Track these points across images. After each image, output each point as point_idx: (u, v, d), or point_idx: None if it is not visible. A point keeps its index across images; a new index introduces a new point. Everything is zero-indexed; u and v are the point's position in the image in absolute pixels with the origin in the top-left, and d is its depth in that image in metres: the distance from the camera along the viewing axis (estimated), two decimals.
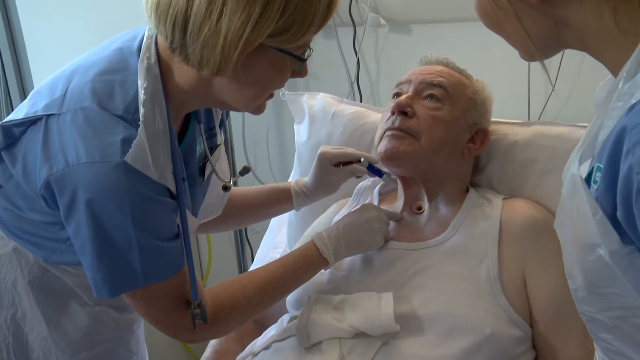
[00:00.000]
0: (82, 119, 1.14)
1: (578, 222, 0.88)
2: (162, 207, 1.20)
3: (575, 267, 0.94)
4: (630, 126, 0.77)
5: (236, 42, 1.08)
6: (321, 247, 1.47)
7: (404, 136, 1.56)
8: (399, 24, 2.22)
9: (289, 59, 1.18)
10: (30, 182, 1.20)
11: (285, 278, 1.43)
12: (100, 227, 1.14)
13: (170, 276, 1.23)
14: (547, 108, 2.01)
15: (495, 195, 1.64)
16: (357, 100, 2.32)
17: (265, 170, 2.62)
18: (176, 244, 1.23)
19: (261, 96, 1.24)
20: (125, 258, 1.16)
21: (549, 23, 0.92)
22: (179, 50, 1.14)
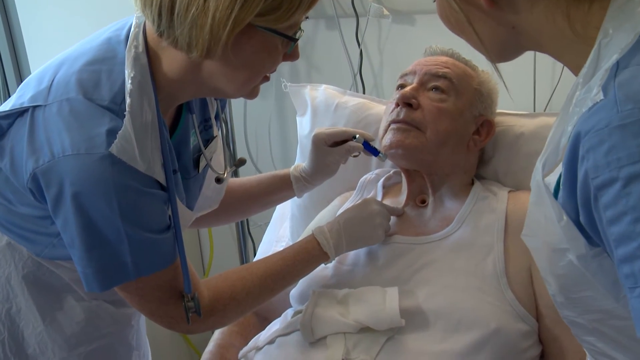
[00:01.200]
0: (68, 110, 1.13)
1: (546, 229, 0.89)
2: (151, 198, 1.18)
3: (549, 274, 0.95)
4: (584, 131, 0.77)
5: (225, 20, 1.06)
6: (322, 241, 1.45)
7: (409, 129, 1.55)
8: (402, 14, 2.20)
9: (279, 40, 1.16)
10: (17, 175, 1.18)
11: (284, 271, 1.42)
12: (88, 220, 1.12)
13: (162, 268, 1.21)
14: (553, 99, 2.00)
15: (501, 187, 1.63)
16: (360, 92, 2.31)
17: (267, 163, 2.61)
18: (167, 235, 1.22)
19: (253, 79, 1.22)
20: (115, 251, 1.15)
21: (505, 28, 0.92)
22: (167, 34, 1.12)
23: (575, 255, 0.85)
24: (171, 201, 1.23)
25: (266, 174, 1.73)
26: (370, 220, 1.49)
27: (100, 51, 1.20)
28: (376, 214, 1.50)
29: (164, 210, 1.22)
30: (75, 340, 1.38)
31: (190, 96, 1.31)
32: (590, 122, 0.77)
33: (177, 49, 1.14)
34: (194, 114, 1.37)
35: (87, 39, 1.26)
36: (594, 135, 0.75)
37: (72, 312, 1.37)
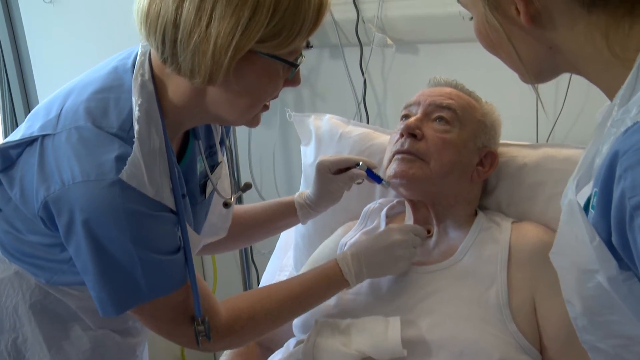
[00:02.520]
0: (77, 138, 1.14)
1: (576, 249, 0.88)
2: (161, 221, 1.20)
3: (574, 295, 0.94)
4: (622, 151, 0.77)
5: (226, 47, 1.08)
6: (344, 267, 1.45)
7: (413, 159, 1.55)
8: (406, 44, 2.22)
9: (280, 66, 1.18)
10: (28, 204, 1.19)
11: (305, 294, 1.42)
12: (100, 246, 1.14)
13: (176, 289, 1.22)
14: (555, 129, 2.00)
15: (504, 218, 1.63)
16: (364, 120, 2.32)
17: (271, 190, 2.61)
18: (179, 256, 1.23)
19: (255, 106, 1.23)
20: (128, 274, 1.16)
21: (543, 47, 0.93)
22: (170, 60, 1.14)
23: (606, 277, 0.84)
24: (181, 223, 1.24)
25: (270, 201, 1.74)
26: (390, 251, 1.48)
27: (107, 80, 1.22)
28: (397, 245, 1.48)
29: (174, 232, 1.23)
30: None
31: (196, 123, 1.32)
32: (629, 141, 0.77)
33: (180, 76, 1.15)
34: (200, 140, 1.38)
35: (94, 68, 1.28)
36: (633, 154, 0.75)
37: (78, 342, 1.37)
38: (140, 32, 1.17)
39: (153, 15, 1.12)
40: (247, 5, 1.07)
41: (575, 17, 0.87)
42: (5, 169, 1.24)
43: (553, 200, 1.61)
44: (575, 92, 1.94)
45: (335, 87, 2.38)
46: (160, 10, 1.11)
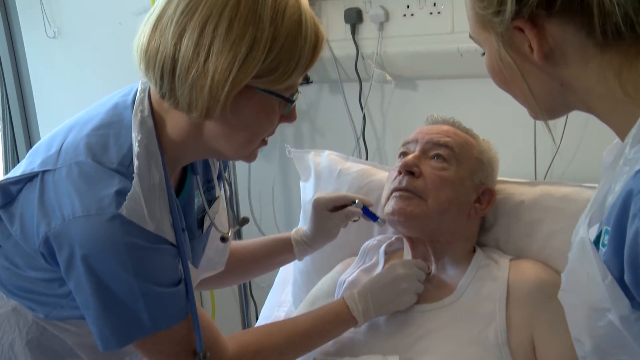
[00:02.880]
0: (77, 173, 1.15)
1: (587, 286, 0.88)
2: (161, 254, 1.20)
3: (584, 333, 0.93)
4: (636, 190, 0.77)
5: (224, 82, 1.09)
6: (351, 305, 1.46)
7: (411, 197, 1.56)
8: (404, 80, 2.24)
9: (277, 101, 1.19)
10: (28, 239, 1.20)
11: (313, 330, 1.43)
12: (100, 281, 1.14)
13: (179, 321, 1.22)
14: (553, 166, 2.01)
15: (502, 255, 1.63)
16: (363, 155, 2.33)
17: (271, 225, 2.62)
18: (180, 288, 1.23)
19: (252, 141, 1.24)
20: (130, 308, 1.16)
21: (555, 84, 0.93)
22: (169, 95, 1.15)
23: (618, 316, 0.83)
24: (181, 256, 1.24)
25: (267, 237, 1.75)
26: (395, 286, 1.49)
27: (107, 116, 1.23)
28: (402, 279, 1.50)
29: (175, 264, 1.23)
30: None
31: (194, 158, 1.33)
32: None
33: (178, 110, 1.16)
34: (198, 174, 1.39)
35: (95, 105, 1.29)
36: None
37: None
38: (139, 67, 1.18)
39: (152, 50, 1.13)
40: (245, 41, 1.09)
41: (589, 55, 0.88)
42: (5, 205, 1.24)
43: (551, 238, 1.61)
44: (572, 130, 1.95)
45: (335, 122, 2.40)
46: (160, 46, 1.12)
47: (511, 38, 0.92)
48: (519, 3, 0.88)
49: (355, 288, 1.51)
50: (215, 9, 1.09)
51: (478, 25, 0.98)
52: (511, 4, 0.88)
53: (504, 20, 0.90)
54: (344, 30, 2.24)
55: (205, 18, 1.09)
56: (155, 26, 1.14)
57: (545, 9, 0.87)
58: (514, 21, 0.90)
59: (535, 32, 0.89)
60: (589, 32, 0.86)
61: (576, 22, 0.87)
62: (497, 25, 0.92)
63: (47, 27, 2.67)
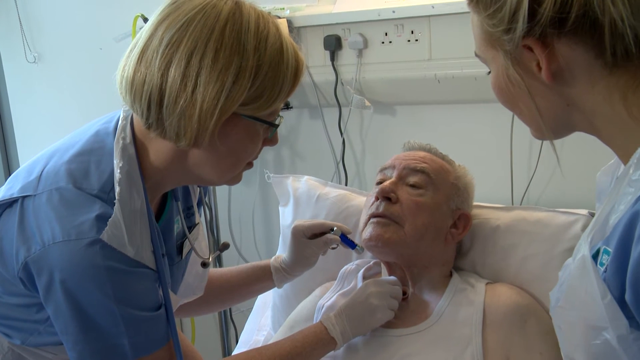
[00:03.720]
0: (58, 199, 1.15)
1: (586, 304, 0.88)
2: (141, 278, 1.20)
3: (578, 350, 0.93)
4: None
5: (212, 110, 1.11)
6: (329, 326, 1.47)
7: (388, 223, 1.58)
8: (383, 105, 2.26)
9: (261, 127, 1.21)
10: (7, 265, 1.19)
11: (293, 352, 1.43)
12: (80, 306, 1.14)
13: (160, 347, 1.22)
14: (529, 191, 2.04)
15: (479, 279, 1.65)
16: (343, 180, 2.35)
17: (251, 249, 2.62)
18: (160, 313, 1.23)
19: (237, 166, 1.26)
20: (111, 333, 1.15)
21: (561, 104, 0.93)
22: (155, 125, 1.16)
23: (615, 335, 0.84)
24: (161, 281, 1.24)
25: (246, 265, 1.75)
26: (367, 304, 1.51)
27: (89, 143, 1.24)
28: (373, 296, 1.51)
29: (155, 289, 1.23)
30: None
31: (176, 184, 1.34)
32: None
33: (165, 139, 1.18)
34: (179, 200, 1.40)
35: (76, 132, 1.30)
36: None
37: None
38: (124, 99, 1.20)
39: (138, 82, 1.15)
40: (231, 70, 1.11)
41: (596, 76, 0.88)
42: None
43: (526, 262, 1.64)
44: (548, 155, 1.98)
45: (315, 147, 2.42)
46: (146, 77, 1.14)
47: (520, 56, 0.92)
48: (530, 21, 0.87)
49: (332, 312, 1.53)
50: (201, 40, 1.12)
51: (485, 42, 0.97)
52: (522, 22, 0.88)
53: (513, 39, 0.90)
54: (323, 57, 2.27)
55: (191, 49, 1.12)
56: (140, 58, 1.15)
57: (556, 28, 0.86)
58: (524, 39, 0.89)
59: (544, 52, 0.89)
60: (599, 53, 0.86)
61: (586, 43, 0.87)
62: (506, 43, 0.91)
63: (27, 52, 2.67)
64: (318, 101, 2.33)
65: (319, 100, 2.33)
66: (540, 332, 1.50)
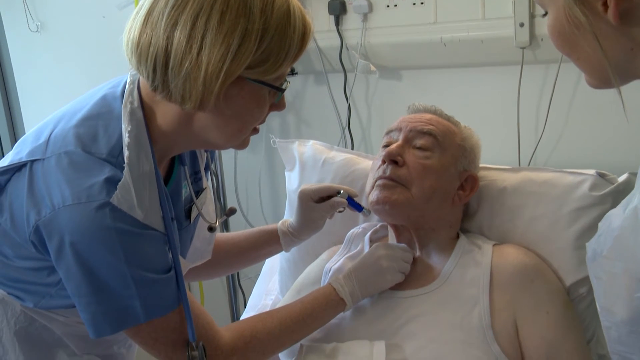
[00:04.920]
0: (67, 162, 1.16)
1: (634, 256, 0.87)
2: (151, 241, 1.20)
3: (618, 302, 0.91)
4: None
5: (217, 73, 1.11)
6: (338, 288, 1.48)
7: (394, 185, 1.57)
8: (389, 70, 2.25)
9: (267, 91, 1.21)
10: (18, 229, 1.20)
11: (305, 314, 1.44)
12: (91, 268, 1.14)
13: (172, 309, 1.23)
14: (536, 153, 2.03)
15: (486, 241, 1.65)
16: (349, 145, 2.35)
17: (258, 215, 2.63)
18: (171, 276, 1.23)
19: (243, 130, 1.25)
20: (122, 295, 1.16)
21: (626, 47, 0.89)
22: (161, 88, 1.16)
23: None
24: (171, 244, 1.25)
25: (254, 229, 1.76)
26: (376, 265, 1.52)
27: (96, 107, 1.24)
28: (382, 258, 1.53)
29: (165, 251, 1.24)
30: None
31: (183, 149, 1.34)
32: None
33: (170, 102, 1.17)
34: (186, 165, 1.40)
35: (82, 97, 1.30)
36: None
37: None
38: (130, 61, 1.19)
39: (144, 44, 1.14)
40: (236, 33, 1.11)
41: None
42: None
43: (533, 223, 1.64)
44: (555, 117, 1.98)
45: (320, 113, 2.41)
46: (152, 40, 1.14)
47: None
48: None
49: (340, 274, 1.53)
50: (207, 2, 1.11)
51: None
52: None
53: None
54: (328, 22, 2.25)
55: (197, 11, 1.11)
56: (146, 20, 1.15)
57: None
58: None
59: None
60: None
61: None
62: None
63: (29, 21, 2.66)
64: (323, 67, 2.32)
65: (324, 66, 2.32)
66: (547, 291, 1.51)
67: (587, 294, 1.55)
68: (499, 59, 2.04)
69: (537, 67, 1.98)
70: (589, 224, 1.55)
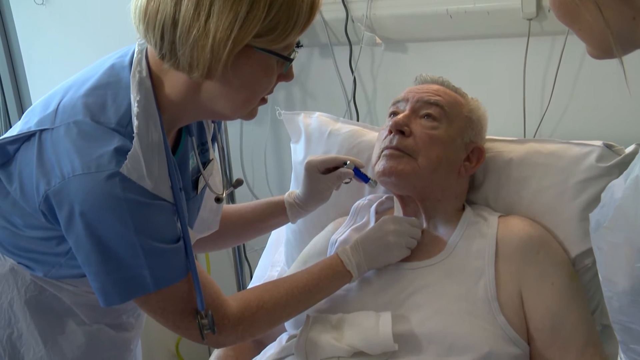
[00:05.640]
0: (76, 132, 1.16)
1: (634, 225, 0.86)
2: (161, 210, 1.21)
3: (619, 272, 0.91)
4: None
5: (225, 41, 1.10)
6: (345, 259, 1.48)
7: (401, 155, 1.57)
8: (394, 43, 2.24)
9: (275, 60, 1.20)
10: (28, 198, 1.21)
11: (310, 284, 1.45)
12: (101, 238, 1.15)
13: (181, 279, 1.24)
14: (542, 125, 2.03)
15: (491, 213, 1.65)
16: (354, 118, 2.34)
17: (263, 188, 2.63)
18: (179, 245, 1.24)
19: (251, 100, 1.25)
20: (132, 264, 1.17)
21: (628, 16, 0.87)
22: (169, 56, 1.15)
23: None
24: (179, 215, 1.25)
25: (260, 201, 1.76)
26: (383, 240, 1.52)
27: (104, 76, 1.24)
28: (390, 233, 1.52)
29: (174, 221, 1.24)
30: None
31: (191, 119, 1.34)
32: None
33: (178, 71, 1.17)
34: (193, 136, 1.40)
35: (91, 67, 1.30)
36: None
37: (73, 337, 1.38)
38: (138, 29, 1.19)
39: (152, 12, 1.14)
40: (244, 1, 1.10)
41: None
42: (3, 164, 1.25)
43: (539, 194, 1.64)
44: (561, 88, 1.97)
45: (326, 85, 2.40)
46: (159, 7, 1.13)
47: None
48: None
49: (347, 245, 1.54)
50: None
51: None
52: None
53: None
54: None
55: None
56: None
57: None
58: None
59: None
60: None
61: None
62: None
63: None
64: (328, 39, 2.30)
65: (330, 39, 2.30)
66: (553, 262, 1.51)
67: (592, 265, 1.56)
68: (506, 31, 2.02)
69: (544, 39, 1.97)
70: (596, 195, 1.55)
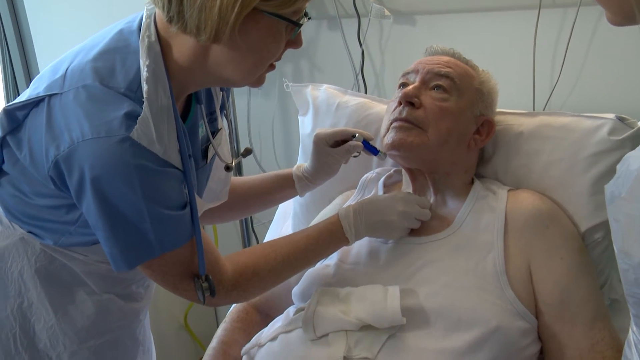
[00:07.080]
0: (85, 96, 1.15)
1: None
2: (169, 177, 1.21)
3: (637, 244, 0.90)
4: None
5: (233, 3, 1.09)
6: (345, 225, 1.48)
7: (411, 127, 1.56)
8: (403, 15, 2.22)
9: (284, 26, 1.19)
10: (37, 164, 1.21)
11: (308, 249, 1.45)
12: (109, 203, 1.15)
13: (184, 243, 1.24)
14: (552, 98, 2.01)
15: (501, 186, 1.64)
16: (362, 91, 2.33)
17: (271, 160, 2.63)
18: (186, 212, 1.24)
19: (259, 66, 1.24)
20: (138, 230, 1.17)
21: None
22: (176, 18, 1.15)
23: None
24: (187, 181, 1.25)
25: (269, 173, 1.76)
26: (388, 218, 1.50)
27: (113, 41, 1.23)
28: (395, 213, 1.50)
29: (181, 188, 1.24)
30: (86, 333, 1.40)
31: (199, 85, 1.33)
32: None
33: (186, 34, 1.16)
34: (202, 104, 1.39)
35: (99, 33, 1.29)
36: None
37: (83, 306, 1.39)
38: None
39: None
40: None
41: None
42: (12, 130, 1.25)
43: (549, 168, 1.62)
44: (572, 61, 1.95)
45: (334, 58, 2.39)
46: None
47: None
48: None
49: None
50: None
51: None
52: None
53: None
54: None
55: None
56: None
57: None
58: None
59: None
60: None
61: None
62: None
63: None
64: (337, 11, 2.29)
65: (338, 11, 2.29)
66: (562, 236, 1.50)
67: (602, 240, 1.55)
68: (516, 3, 2.00)
69: (555, 11, 1.95)
70: (607, 168, 1.53)
